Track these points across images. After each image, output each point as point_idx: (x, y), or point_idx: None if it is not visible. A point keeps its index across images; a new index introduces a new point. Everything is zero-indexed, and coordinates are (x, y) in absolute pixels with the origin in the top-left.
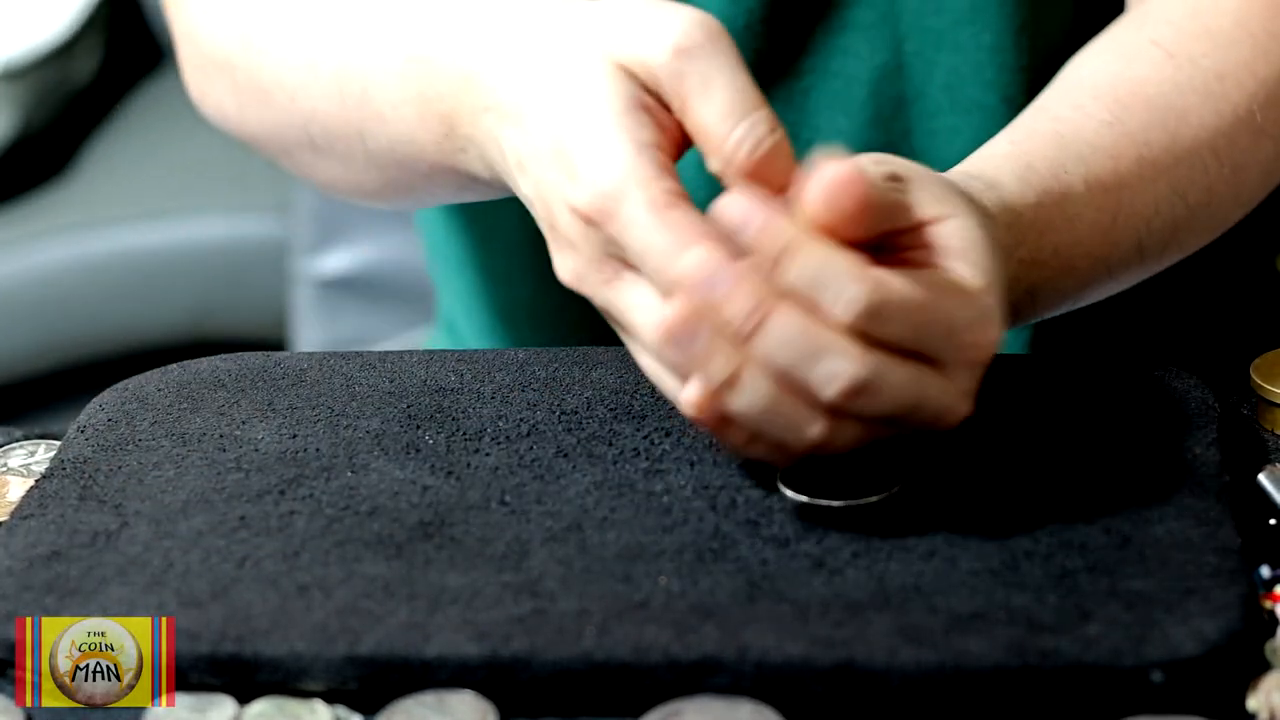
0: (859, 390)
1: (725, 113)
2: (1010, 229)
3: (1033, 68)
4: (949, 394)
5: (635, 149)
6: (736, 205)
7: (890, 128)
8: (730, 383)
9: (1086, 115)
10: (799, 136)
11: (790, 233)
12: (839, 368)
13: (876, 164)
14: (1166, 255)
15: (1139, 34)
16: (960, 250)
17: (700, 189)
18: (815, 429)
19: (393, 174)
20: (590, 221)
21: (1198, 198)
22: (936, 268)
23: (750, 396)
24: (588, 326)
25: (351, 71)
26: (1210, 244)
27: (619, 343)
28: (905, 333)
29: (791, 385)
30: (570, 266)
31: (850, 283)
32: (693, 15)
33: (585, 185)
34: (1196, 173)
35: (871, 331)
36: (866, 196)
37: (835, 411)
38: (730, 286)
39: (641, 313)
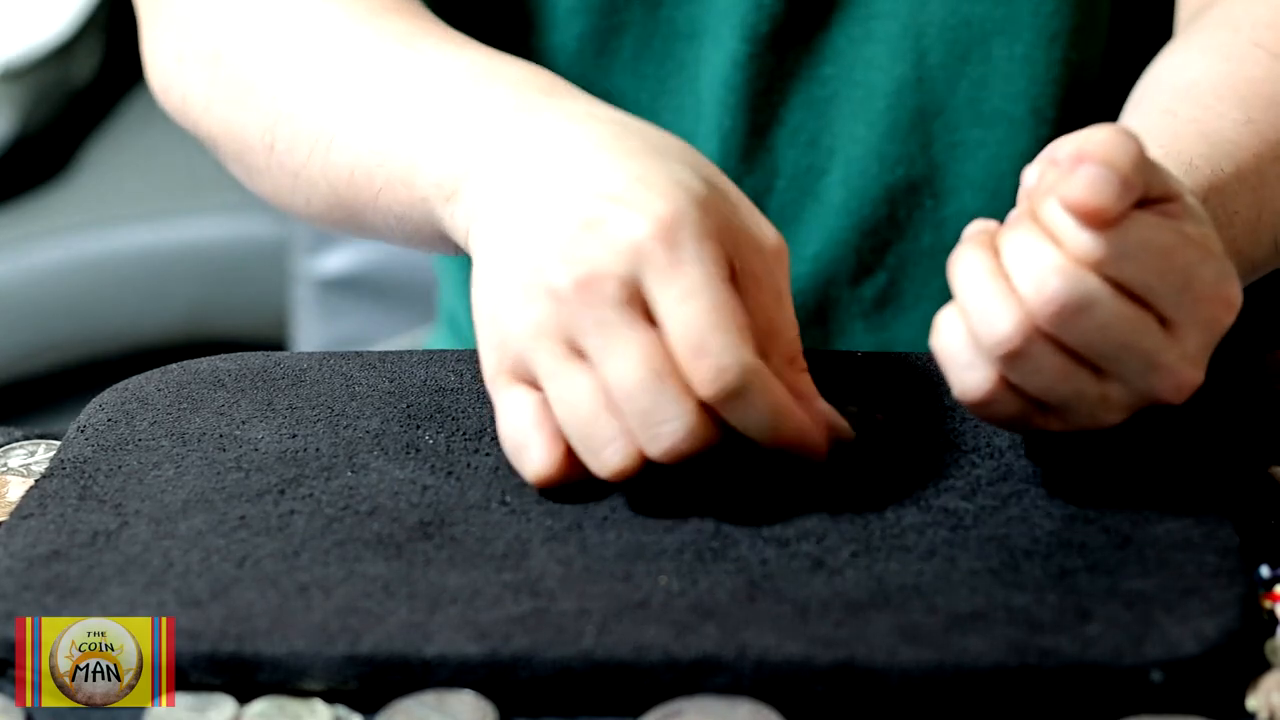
0: (1064, 306)
1: (793, 321)
2: None
3: (1063, 79)
4: (1172, 352)
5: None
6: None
7: (909, 139)
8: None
9: (1219, 115)
10: (818, 144)
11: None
12: (1051, 278)
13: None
14: None
15: (1236, 37)
16: (1203, 220)
17: None
18: (1009, 324)
19: (341, 192)
20: (658, 239)
21: None
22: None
23: (962, 271)
24: None
25: (365, 75)
26: None
27: None
28: (1140, 274)
29: (1007, 280)
30: (594, 263)
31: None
32: None
33: (673, 202)
34: None
35: (1101, 267)
36: (1139, 154)
37: (1041, 330)
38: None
39: (639, 353)
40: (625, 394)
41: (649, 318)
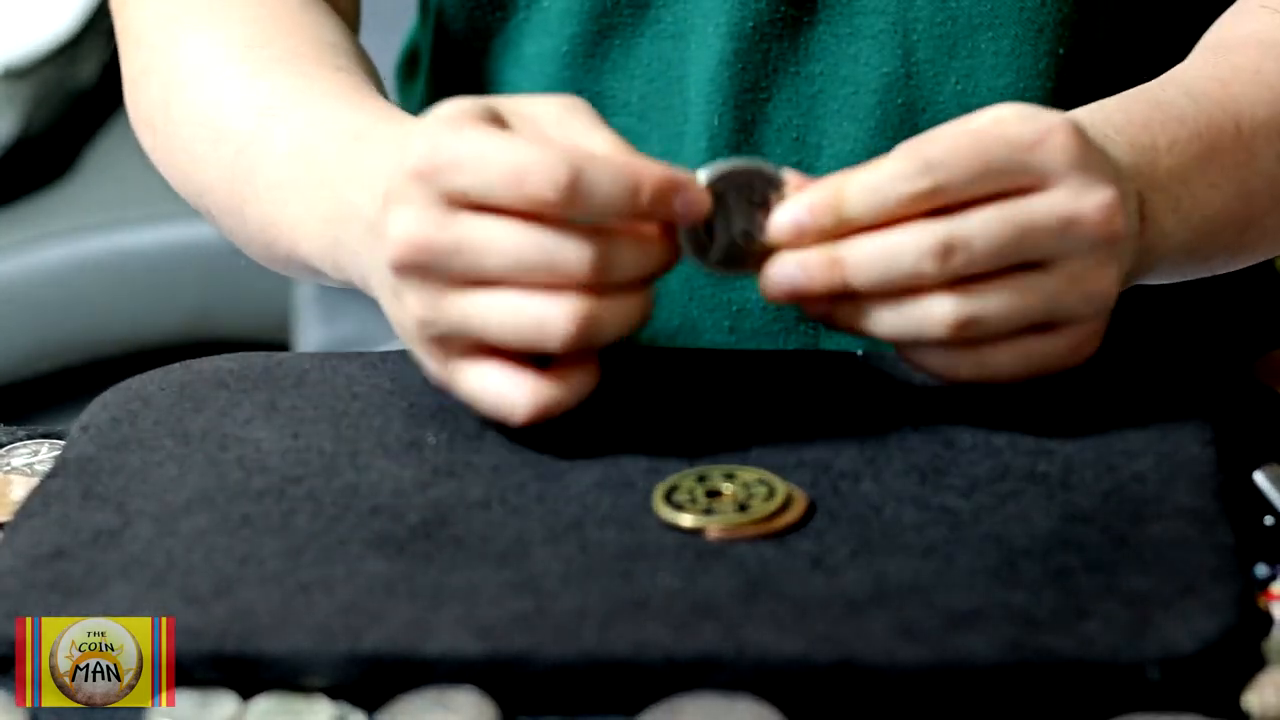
0: (964, 325)
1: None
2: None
3: (1051, 72)
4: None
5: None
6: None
7: (898, 135)
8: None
9: (1190, 58)
10: (807, 141)
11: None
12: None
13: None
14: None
15: (1248, 2)
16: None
17: None
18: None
19: (266, 254)
20: (424, 174)
21: None
22: None
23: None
24: None
25: (248, 149)
26: None
27: (618, 342)
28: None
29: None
30: (409, 218)
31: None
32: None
33: (417, 145)
34: None
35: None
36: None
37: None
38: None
39: (497, 240)
40: (521, 271)
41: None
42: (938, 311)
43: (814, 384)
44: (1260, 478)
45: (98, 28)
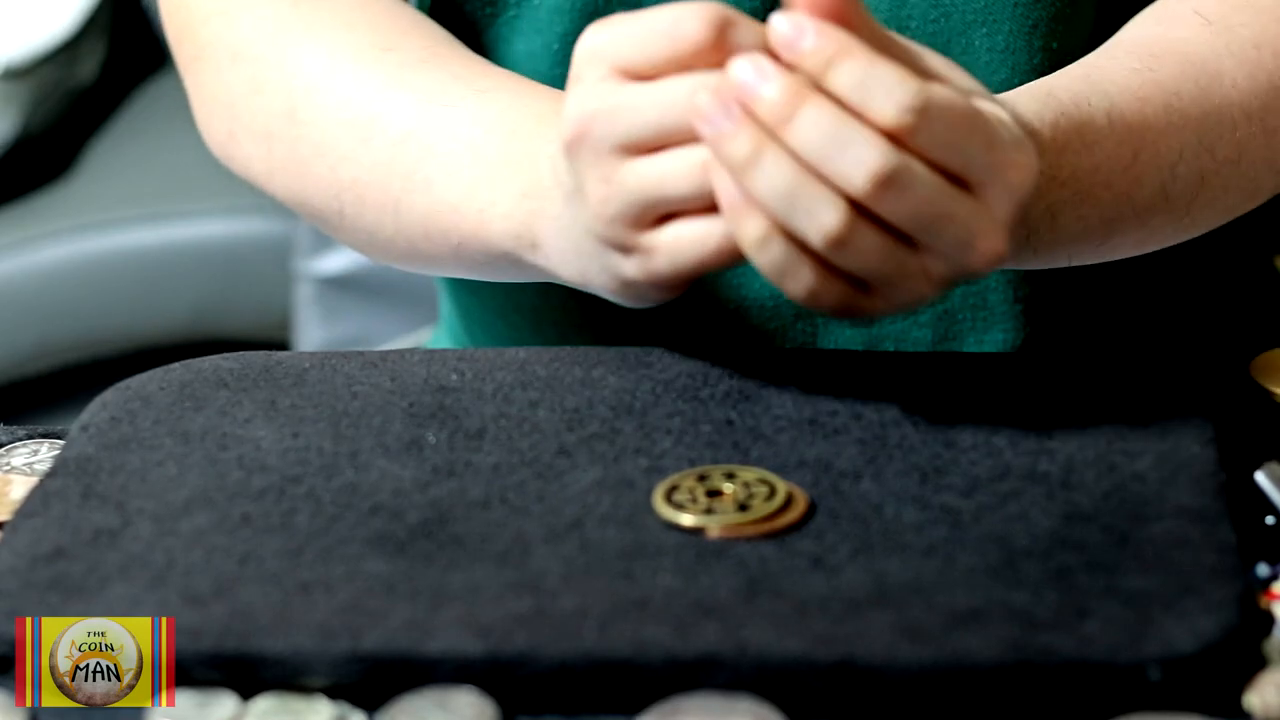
0: (886, 181)
1: None
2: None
3: (1045, 67)
4: (981, 217)
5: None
6: (787, 20)
7: None
8: (751, 161)
9: (1116, 61)
10: None
11: (841, 39)
12: (867, 155)
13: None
14: (1197, 208)
15: (1182, 4)
16: (997, 101)
17: None
18: (835, 217)
19: (420, 245)
20: (579, 136)
21: (1227, 153)
22: None
23: (771, 177)
24: (589, 326)
25: (411, 139)
26: (1209, 242)
27: (618, 343)
28: (944, 140)
29: (817, 171)
30: (601, 195)
31: (897, 84)
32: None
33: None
34: (1225, 129)
35: (910, 137)
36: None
37: (859, 207)
38: (769, 82)
39: (670, 163)
40: (700, 189)
41: None
42: (827, 214)
43: (814, 384)
44: (1261, 477)
45: (98, 27)
